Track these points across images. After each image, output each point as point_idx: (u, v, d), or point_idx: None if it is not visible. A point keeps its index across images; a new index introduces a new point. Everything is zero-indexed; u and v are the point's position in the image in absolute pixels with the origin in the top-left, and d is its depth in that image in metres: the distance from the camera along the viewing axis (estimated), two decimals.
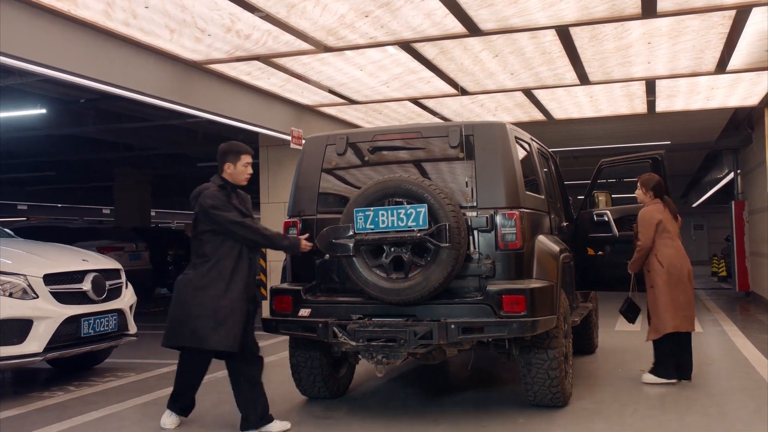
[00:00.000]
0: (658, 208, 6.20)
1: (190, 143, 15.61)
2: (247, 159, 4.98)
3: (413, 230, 4.99)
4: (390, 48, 7.07)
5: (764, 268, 11.82)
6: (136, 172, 20.51)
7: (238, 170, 4.96)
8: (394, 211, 5.06)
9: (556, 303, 5.39)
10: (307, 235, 5.33)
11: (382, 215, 5.07)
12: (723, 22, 6.37)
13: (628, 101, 9.73)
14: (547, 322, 5.14)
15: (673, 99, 9.64)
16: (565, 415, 5.40)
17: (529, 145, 6.09)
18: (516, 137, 5.70)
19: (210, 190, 4.90)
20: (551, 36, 6.76)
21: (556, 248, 5.77)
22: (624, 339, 8.96)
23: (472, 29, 6.45)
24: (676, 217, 6.29)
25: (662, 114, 10.57)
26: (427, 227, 4.98)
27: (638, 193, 6.33)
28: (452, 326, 4.93)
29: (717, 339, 8.96)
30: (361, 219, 5.10)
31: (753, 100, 9.66)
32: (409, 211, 5.02)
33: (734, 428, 5.00)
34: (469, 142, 5.42)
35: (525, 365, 5.45)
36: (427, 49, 7.16)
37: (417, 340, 4.94)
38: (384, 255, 5.14)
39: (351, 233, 5.09)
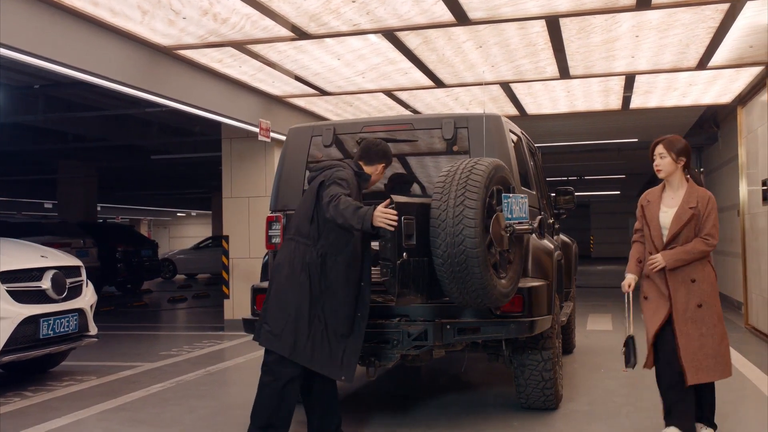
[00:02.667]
0: None
1: (145, 134, 15.09)
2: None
3: (527, 221, 4.57)
4: (372, 36, 6.78)
5: (730, 266, 11.92)
6: (83, 164, 19.75)
7: (380, 176, 4.64)
8: (518, 200, 4.51)
9: (552, 302, 5.22)
10: (388, 202, 4.09)
11: (514, 204, 4.46)
12: (714, 15, 6.27)
13: (604, 97, 9.64)
14: (543, 322, 4.98)
15: (648, 95, 9.58)
16: (560, 417, 5.27)
17: (520, 138, 5.91)
18: (510, 130, 5.51)
19: (343, 169, 4.35)
20: (539, 27, 6.56)
21: (550, 246, 5.60)
22: (598, 338, 8.93)
23: (461, 18, 6.22)
24: None
25: (635, 111, 10.53)
26: (529, 218, 4.63)
27: (665, 162, 4.33)
28: (447, 327, 4.70)
29: None
30: (506, 206, 4.37)
31: (727, 98, 9.66)
32: (521, 201, 4.56)
33: (734, 426, 4.92)
34: (463, 134, 5.21)
35: (518, 367, 5.27)
36: (410, 39, 6.90)
37: (411, 342, 4.69)
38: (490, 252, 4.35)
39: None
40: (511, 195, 4.48)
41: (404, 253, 4.23)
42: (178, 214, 43.49)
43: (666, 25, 6.51)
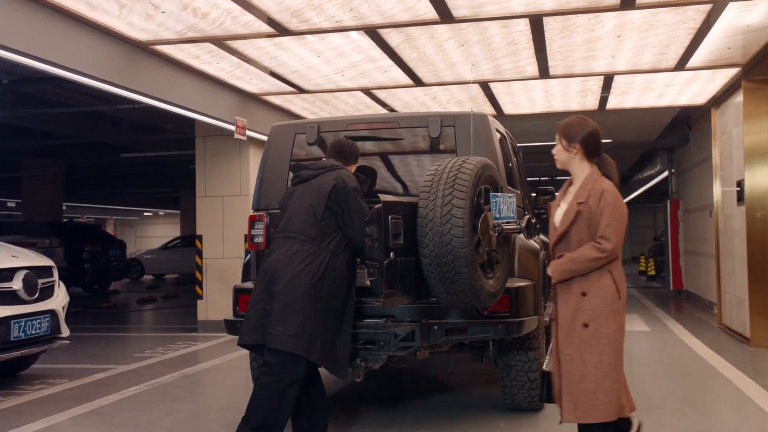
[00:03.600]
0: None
1: (115, 132, 14.83)
2: None
3: (515, 221, 4.52)
4: (354, 33, 6.70)
5: (700, 266, 12.06)
6: (49, 162, 19.35)
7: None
8: (506, 199, 4.42)
9: (538, 302, 5.19)
10: None
11: (502, 203, 4.37)
12: (696, 16, 6.29)
13: (582, 97, 9.66)
14: (530, 323, 4.94)
15: (625, 96, 9.62)
16: (545, 418, 5.24)
17: (504, 137, 5.87)
18: (496, 129, 5.47)
19: (348, 172, 4.46)
20: (523, 26, 6.53)
21: (536, 246, 5.58)
22: None
23: (445, 15, 6.16)
24: None
25: (610, 111, 10.56)
26: (517, 218, 4.57)
27: (557, 150, 3.57)
28: (435, 327, 4.63)
29: (665, 337, 9.03)
30: (494, 206, 4.28)
31: (702, 99, 9.73)
32: (509, 200, 4.47)
33: (715, 425, 4.97)
34: (450, 133, 5.15)
35: (504, 367, 5.24)
36: (392, 36, 6.82)
37: (398, 342, 4.61)
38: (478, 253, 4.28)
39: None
40: (499, 194, 4.41)
41: (391, 253, 4.16)
42: (145, 214, 42.93)
43: (648, 26, 6.52)
